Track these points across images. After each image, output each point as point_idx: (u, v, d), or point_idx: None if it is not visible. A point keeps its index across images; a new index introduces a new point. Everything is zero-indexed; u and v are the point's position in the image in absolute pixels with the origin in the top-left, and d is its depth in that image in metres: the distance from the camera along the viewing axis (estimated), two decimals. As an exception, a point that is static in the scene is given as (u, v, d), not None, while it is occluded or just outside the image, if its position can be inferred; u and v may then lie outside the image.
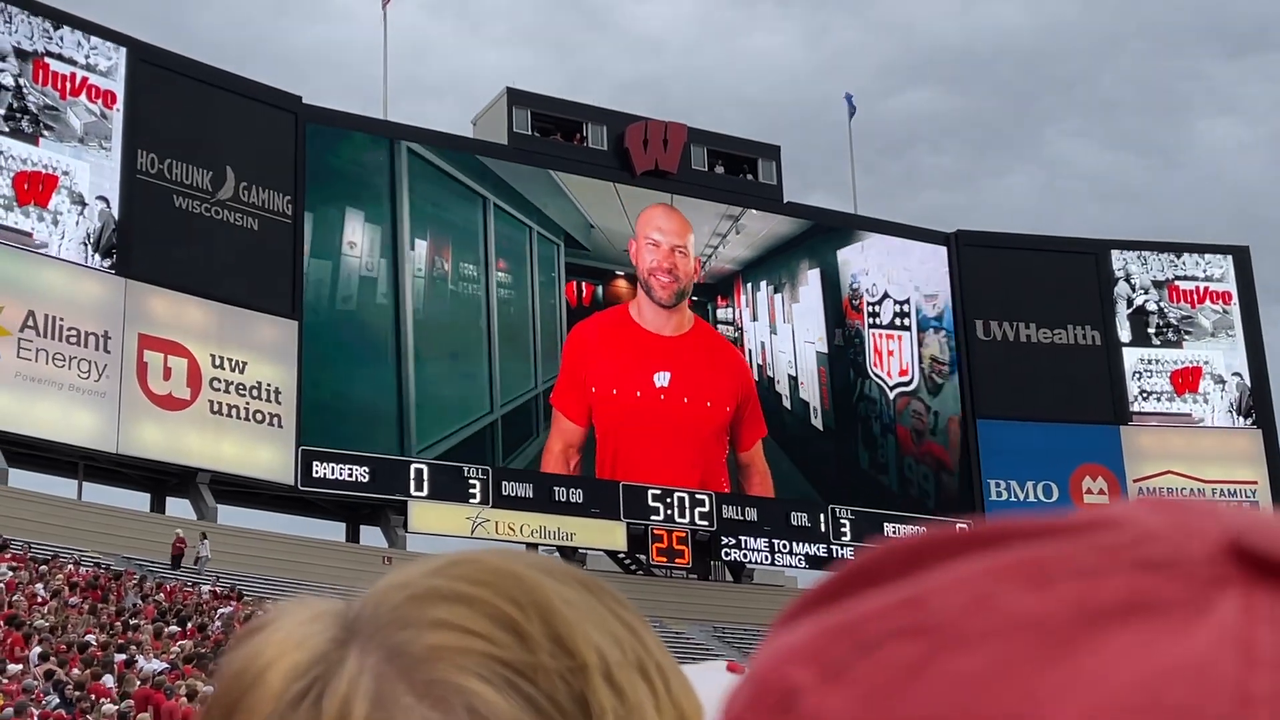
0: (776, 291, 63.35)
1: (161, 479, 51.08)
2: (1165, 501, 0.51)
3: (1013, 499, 62.46)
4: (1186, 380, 67.01)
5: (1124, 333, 66.89)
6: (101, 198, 50.37)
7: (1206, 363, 67.12)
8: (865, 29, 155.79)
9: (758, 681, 0.50)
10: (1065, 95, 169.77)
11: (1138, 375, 66.58)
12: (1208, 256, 68.51)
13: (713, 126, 66.46)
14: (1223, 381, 67.15)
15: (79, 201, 49.95)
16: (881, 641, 0.48)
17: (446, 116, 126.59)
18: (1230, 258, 68.65)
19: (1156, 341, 67.17)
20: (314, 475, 52.27)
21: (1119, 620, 0.46)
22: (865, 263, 64.87)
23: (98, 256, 49.90)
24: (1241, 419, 66.61)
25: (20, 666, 28.43)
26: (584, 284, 60.05)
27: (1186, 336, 67.47)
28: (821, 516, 59.74)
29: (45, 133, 49.71)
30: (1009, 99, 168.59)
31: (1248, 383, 67.00)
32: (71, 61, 50.66)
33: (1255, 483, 64.70)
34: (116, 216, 50.45)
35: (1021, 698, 0.45)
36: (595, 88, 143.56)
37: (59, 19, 50.76)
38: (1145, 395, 66.46)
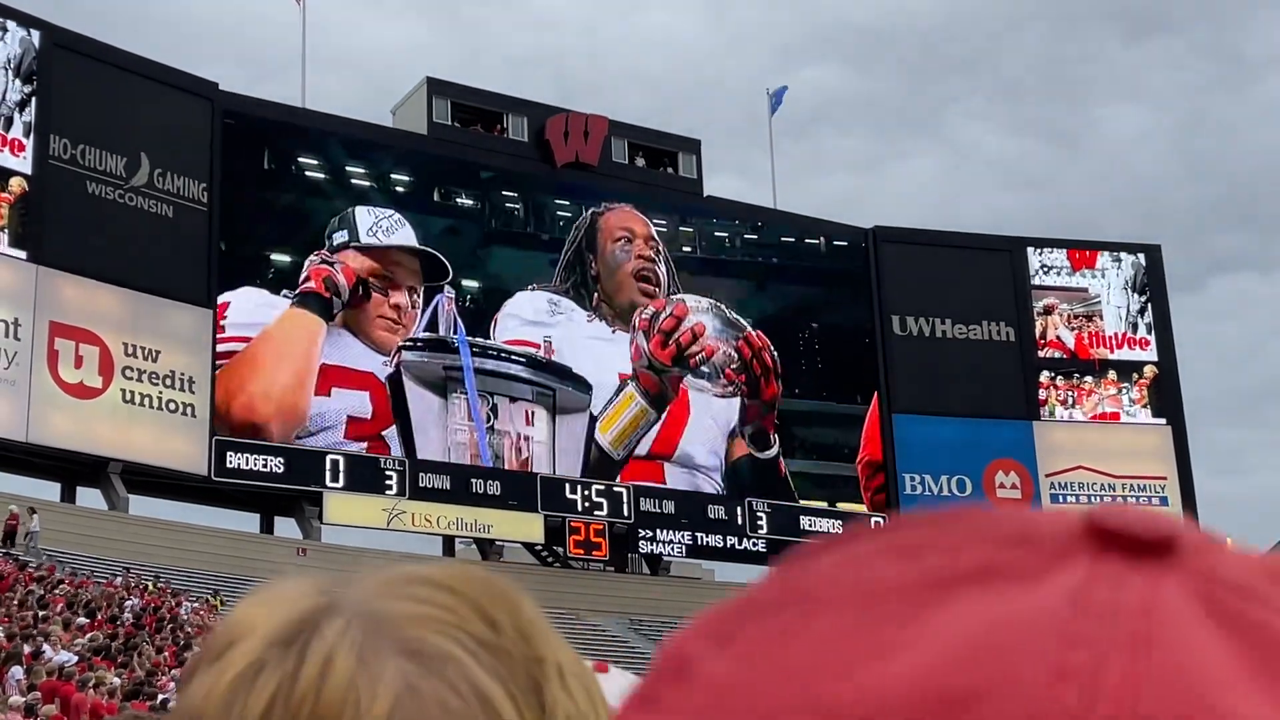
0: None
1: (73, 468, 50.40)
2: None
3: (927, 493, 63.04)
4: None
5: None
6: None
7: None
8: (766, 6, 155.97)
9: (664, 655, 0.56)
10: (968, 77, 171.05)
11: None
12: (1120, 255, 69.48)
13: (614, 105, 67.11)
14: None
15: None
16: (765, 610, 0.54)
17: (340, 91, 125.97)
18: (1143, 256, 69.64)
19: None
20: (228, 466, 51.77)
21: (973, 584, 0.52)
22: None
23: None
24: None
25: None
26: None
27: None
28: (739, 510, 59.94)
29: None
30: (912, 79, 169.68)
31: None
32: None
33: (1164, 478, 65.69)
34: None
35: (874, 647, 0.50)
36: (493, 64, 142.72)
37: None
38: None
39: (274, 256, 55.55)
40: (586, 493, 57.42)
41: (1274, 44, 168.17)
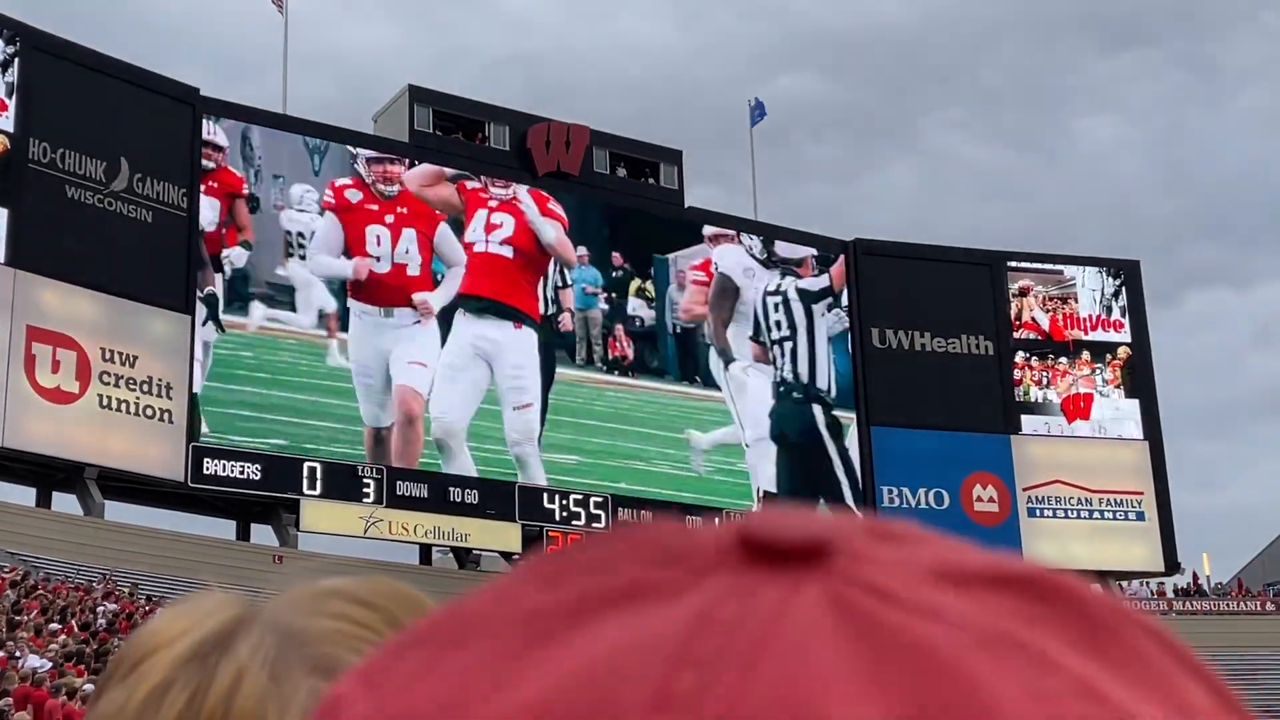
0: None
1: (48, 474, 50.16)
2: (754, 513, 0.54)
3: (905, 505, 63.08)
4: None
5: None
6: None
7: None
8: (740, 13, 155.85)
9: (323, 699, 0.53)
10: (945, 87, 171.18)
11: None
12: (1099, 270, 69.75)
13: (590, 111, 67.22)
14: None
15: None
16: (411, 647, 0.51)
17: (319, 94, 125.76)
18: (1121, 273, 69.84)
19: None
20: (205, 472, 51.59)
21: (613, 608, 0.48)
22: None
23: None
24: (1110, 279, 68.89)
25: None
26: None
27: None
28: (717, 521, 59.74)
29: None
30: (887, 88, 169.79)
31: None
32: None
33: (1141, 493, 65.84)
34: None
35: (497, 680, 0.47)
36: (469, 68, 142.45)
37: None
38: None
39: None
40: (565, 502, 57.37)
41: (1250, 56, 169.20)
